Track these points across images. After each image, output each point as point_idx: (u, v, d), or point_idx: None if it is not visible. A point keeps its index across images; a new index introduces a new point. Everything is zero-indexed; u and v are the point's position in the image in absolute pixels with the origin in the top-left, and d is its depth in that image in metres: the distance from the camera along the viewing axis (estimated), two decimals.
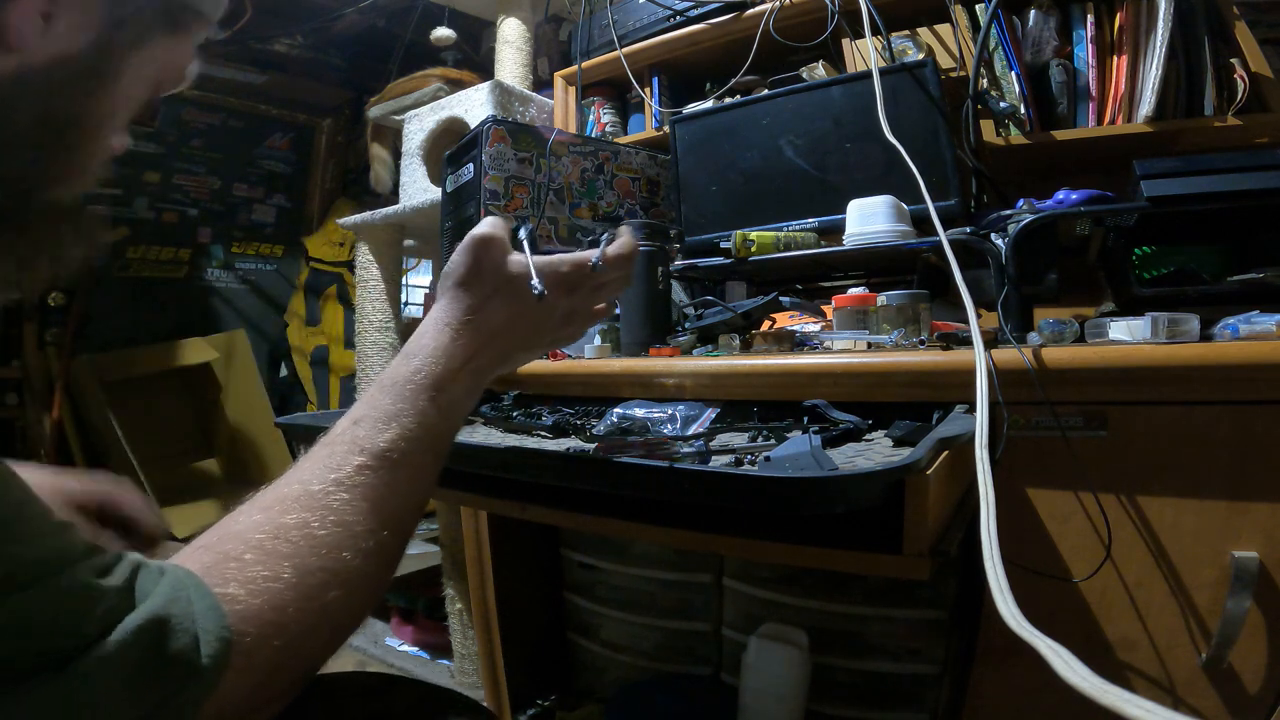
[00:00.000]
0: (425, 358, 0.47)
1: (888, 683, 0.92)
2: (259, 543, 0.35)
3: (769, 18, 1.36)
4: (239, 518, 0.37)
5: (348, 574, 0.37)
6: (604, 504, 0.59)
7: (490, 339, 0.49)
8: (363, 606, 0.40)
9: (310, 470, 0.40)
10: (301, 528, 0.37)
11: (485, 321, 0.49)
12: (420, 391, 0.45)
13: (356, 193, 3.33)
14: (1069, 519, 0.67)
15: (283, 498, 0.38)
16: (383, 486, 0.41)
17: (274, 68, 2.94)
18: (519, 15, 1.91)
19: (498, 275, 0.50)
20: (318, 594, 0.35)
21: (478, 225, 0.51)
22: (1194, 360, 0.61)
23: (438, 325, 0.49)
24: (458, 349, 0.48)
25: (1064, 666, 0.29)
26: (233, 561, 0.34)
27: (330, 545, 0.37)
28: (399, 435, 0.42)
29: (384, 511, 0.40)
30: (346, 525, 0.38)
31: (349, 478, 0.40)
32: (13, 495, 0.28)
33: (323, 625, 0.36)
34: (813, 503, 0.44)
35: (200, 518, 2.36)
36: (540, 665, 1.25)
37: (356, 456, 0.41)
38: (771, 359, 0.78)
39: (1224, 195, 0.76)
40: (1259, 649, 0.62)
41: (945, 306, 1.02)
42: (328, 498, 0.38)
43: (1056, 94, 1.11)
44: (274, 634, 0.33)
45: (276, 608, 0.34)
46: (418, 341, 0.48)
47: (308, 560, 0.36)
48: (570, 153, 1.27)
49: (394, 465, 0.42)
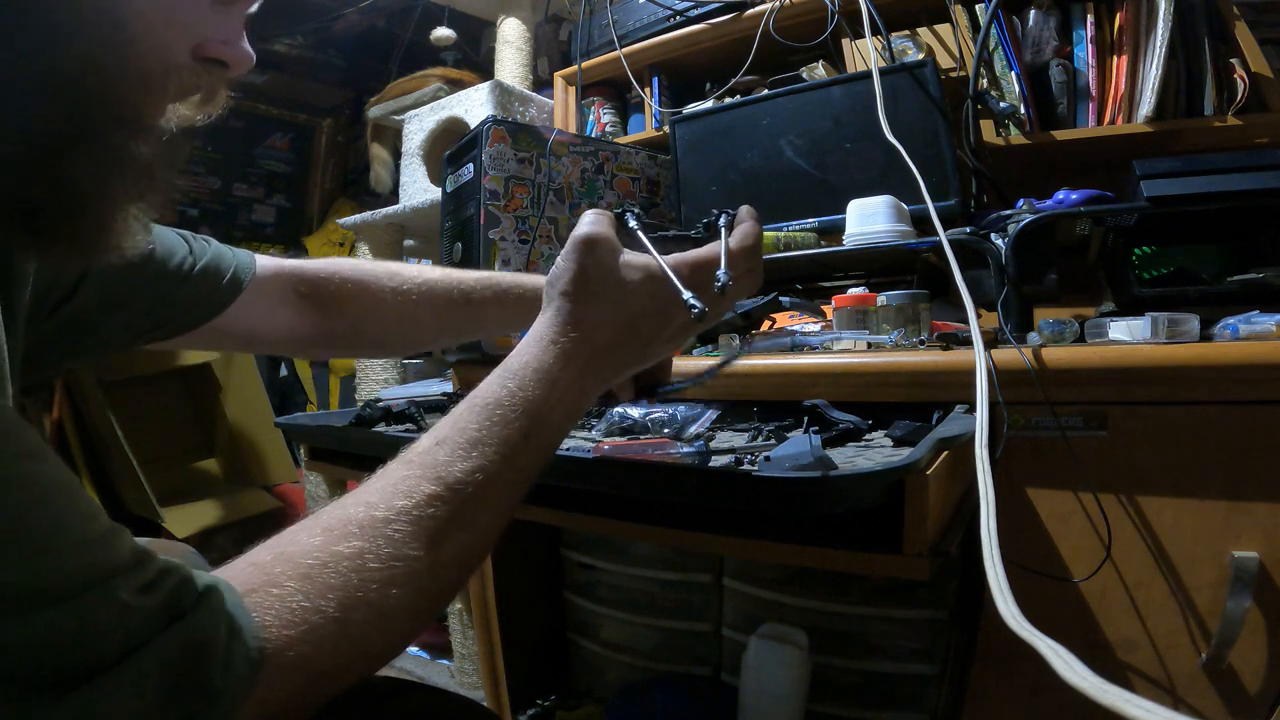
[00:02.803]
0: (523, 380, 0.42)
1: (888, 683, 0.92)
2: (308, 570, 0.33)
3: (769, 18, 1.36)
4: (299, 536, 0.36)
5: (395, 612, 0.35)
6: (604, 504, 0.59)
7: (602, 354, 0.45)
8: (403, 641, 0.38)
9: (380, 492, 0.38)
10: (355, 558, 0.34)
11: (596, 334, 0.44)
12: (511, 420, 0.41)
13: (356, 193, 3.33)
14: (1069, 519, 0.67)
15: (345, 520, 0.36)
16: (452, 521, 0.38)
17: (274, 68, 2.94)
18: (519, 15, 1.91)
19: (608, 280, 0.44)
20: (359, 633, 0.34)
21: (580, 223, 0.45)
22: (1194, 360, 0.61)
23: (540, 342, 0.44)
24: (562, 370, 0.43)
25: (1064, 666, 0.29)
26: (275, 588, 0.33)
27: (382, 580, 0.35)
28: (477, 467, 0.39)
29: (449, 547, 0.38)
30: (405, 559, 0.36)
31: (417, 508, 0.37)
32: (52, 504, 0.28)
33: (357, 661, 0.35)
34: (812, 503, 0.44)
35: (200, 518, 2.36)
36: (540, 665, 1.25)
37: (430, 485, 0.38)
38: (771, 359, 0.78)
39: (1224, 195, 0.76)
40: (1259, 649, 0.62)
41: (945, 306, 1.02)
42: (389, 527, 0.36)
43: (1056, 94, 1.11)
44: (304, 665, 0.32)
45: (312, 642, 0.32)
46: (518, 359, 0.43)
47: (354, 594, 0.34)
48: (570, 153, 1.27)
49: (468, 500, 0.38)
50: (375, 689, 0.48)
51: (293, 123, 3.25)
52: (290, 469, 2.85)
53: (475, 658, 1.61)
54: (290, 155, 3.30)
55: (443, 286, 0.71)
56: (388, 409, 0.83)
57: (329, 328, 0.69)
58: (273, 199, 3.30)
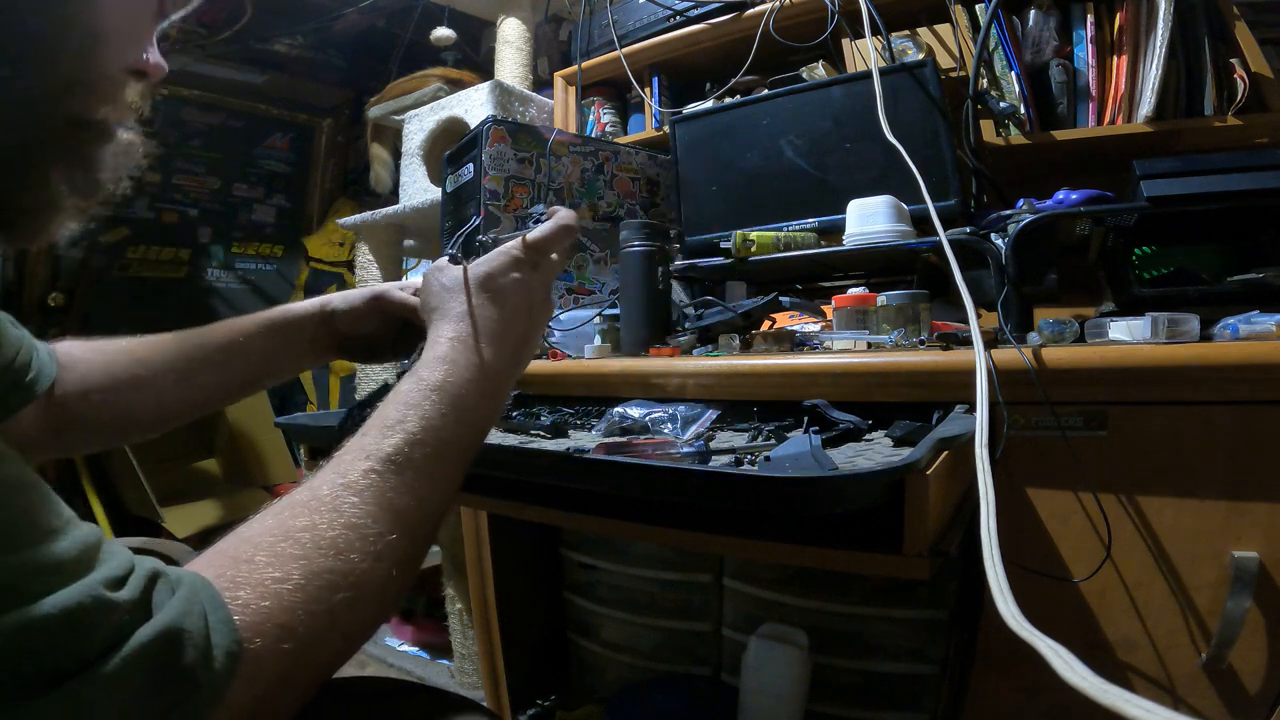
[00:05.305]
0: (425, 368, 0.47)
1: (888, 683, 0.92)
2: (269, 545, 0.35)
3: (769, 18, 1.36)
4: (252, 524, 0.38)
5: (356, 576, 0.37)
6: (604, 504, 0.59)
7: (485, 336, 0.51)
8: (374, 613, 0.39)
9: (319, 478, 0.41)
10: (309, 530, 0.37)
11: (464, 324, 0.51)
12: (425, 396, 0.45)
13: (356, 193, 3.33)
14: (1069, 519, 0.67)
15: (292, 503, 0.39)
16: (390, 490, 0.41)
17: (274, 68, 2.94)
18: (519, 15, 1.91)
19: (453, 283, 0.53)
20: (325, 595, 0.35)
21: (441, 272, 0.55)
22: (1194, 360, 0.61)
23: (435, 346, 0.50)
24: (459, 354, 0.49)
25: (1064, 666, 0.29)
26: (244, 564, 0.34)
27: (339, 547, 0.37)
28: (404, 440, 0.43)
29: (393, 514, 0.40)
30: (354, 527, 0.38)
31: (355, 482, 0.40)
32: (18, 501, 0.28)
33: (331, 630, 0.36)
34: (812, 503, 0.44)
35: (200, 518, 2.36)
36: (540, 665, 1.25)
37: (362, 462, 0.41)
38: (771, 359, 0.78)
39: (1224, 195, 0.76)
40: (1259, 649, 0.62)
41: (945, 306, 1.02)
42: (335, 500, 0.39)
43: (1056, 94, 1.11)
44: (283, 638, 0.33)
45: (285, 609, 0.34)
46: (419, 367, 0.49)
47: (315, 561, 0.36)
48: (570, 153, 1.27)
49: (400, 468, 0.42)
50: (384, 688, 0.48)
51: (293, 123, 3.25)
52: (290, 469, 2.85)
53: (475, 658, 1.61)
54: (290, 155, 3.30)
55: (196, 339, 0.67)
56: None
57: (88, 441, 0.66)
58: (273, 199, 3.29)
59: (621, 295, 1.02)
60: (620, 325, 1.02)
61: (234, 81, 2.90)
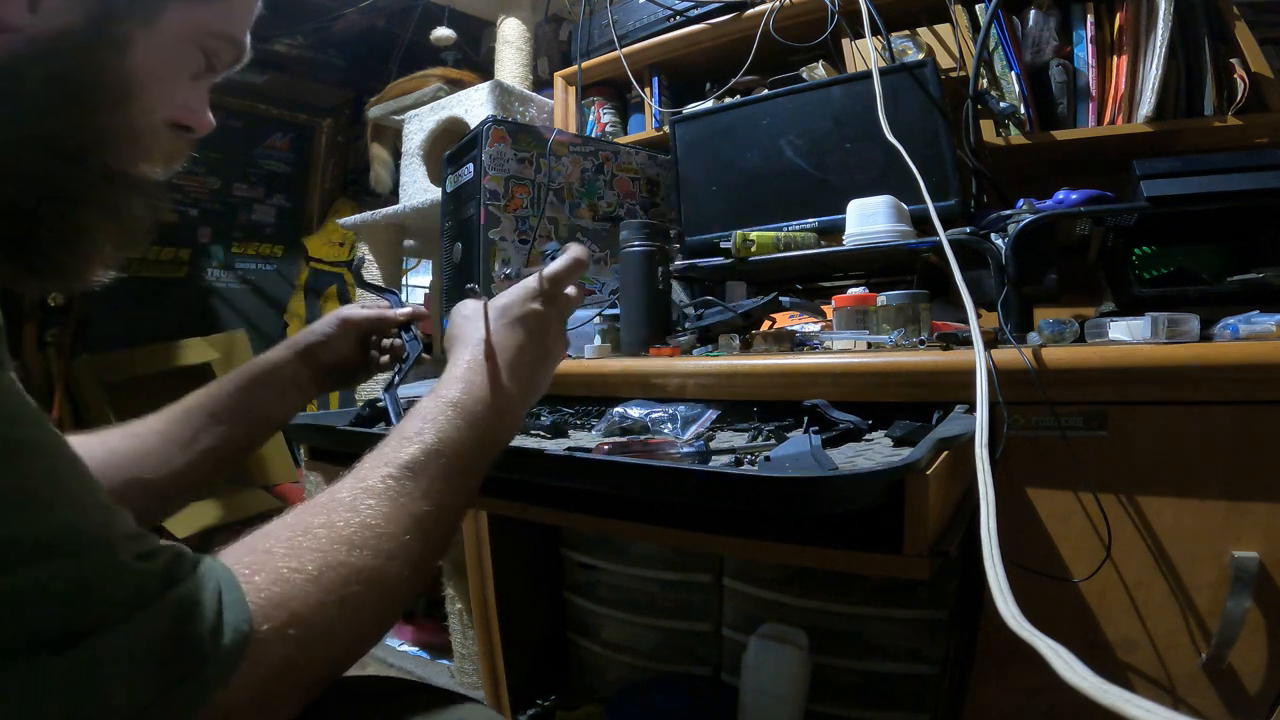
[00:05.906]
0: (443, 386, 0.51)
1: (888, 683, 0.92)
2: (287, 539, 0.37)
3: (769, 18, 1.36)
4: (272, 522, 0.39)
5: (369, 573, 0.38)
6: (604, 504, 0.59)
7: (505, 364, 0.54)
8: (384, 610, 0.40)
9: (340, 484, 0.43)
10: (327, 526, 0.39)
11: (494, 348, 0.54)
12: (441, 411, 0.48)
13: (356, 193, 3.32)
14: (1069, 519, 0.67)
15: (313, 505, 0.41)
16: (405, 495, 0.43)
17: (274, 68, 2.94)
18: (519, 15, 1.91)
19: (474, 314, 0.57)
20: (338, 588, 0.36)
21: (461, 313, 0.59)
22: (1194, 360, 0.61)
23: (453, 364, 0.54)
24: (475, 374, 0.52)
25: (1064, 666, 0.29)
26: (261, 554, 0.36)
27: (354, 543, 0.38)
28: (421, 450, 0.45)
29: (408, 518, 0.42)
30: (370, 527, 0.40)
31: (373, 486, 0.42)
32: (41, 465, 0.29)
33: (341, 623, 0.37)
34: (812, 503, 0.44)
35: (200, 518, 2.36)
36: (540, 665, 1.25)
37: (381, 469, 0.43)
38: (771, 359, 0.78)
39: (1224, 195, 0.76)
40: (1259, 649, 0.62)
41: (945, 306, 1.02)
42: (354, 502, 0.41)
43: (1056, 94, 1.11)
44: (291, 624, 0.34)
45: (298, 596, 0.35)
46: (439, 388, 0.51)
47: (330, 555, 0.37)
48: (570, 153, 1.27)
49: (416, 476, 0.44)
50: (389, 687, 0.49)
51: (293, 123, 3.25)
52: (290, 469, 2.85)
53: (475, 658, 1.61)
54: (290, 155, 3.30)
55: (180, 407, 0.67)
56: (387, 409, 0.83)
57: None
58: (273, 199, 3.29)
59: (621, 295, 1.02)
60: (620, 325, 1.02)
61: (234, 81, 2.87)
